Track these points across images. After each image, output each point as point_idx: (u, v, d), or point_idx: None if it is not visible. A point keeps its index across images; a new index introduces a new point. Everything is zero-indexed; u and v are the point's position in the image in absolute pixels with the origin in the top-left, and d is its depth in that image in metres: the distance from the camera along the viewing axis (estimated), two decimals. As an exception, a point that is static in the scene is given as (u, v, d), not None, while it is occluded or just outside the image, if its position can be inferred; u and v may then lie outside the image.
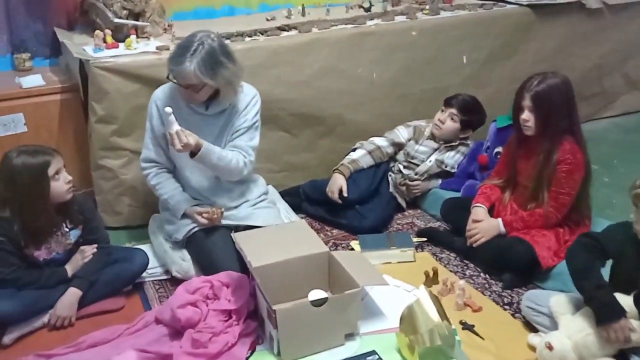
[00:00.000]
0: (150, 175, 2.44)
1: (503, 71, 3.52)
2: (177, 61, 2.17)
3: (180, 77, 2.20)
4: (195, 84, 2.20)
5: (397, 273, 2.44)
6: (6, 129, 2.66)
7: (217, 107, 2.35)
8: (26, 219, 2.06)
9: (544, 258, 2.31)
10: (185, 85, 2.22)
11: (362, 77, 3.12)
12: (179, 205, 2.39)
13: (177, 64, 2.17)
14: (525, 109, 2.34)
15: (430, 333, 1.85)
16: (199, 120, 2.35)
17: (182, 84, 2.22)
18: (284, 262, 2.13)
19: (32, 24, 2.97)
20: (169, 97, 2.35)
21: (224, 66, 2.22)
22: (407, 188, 2.96)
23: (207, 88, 2.25)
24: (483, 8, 3.51)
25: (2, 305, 2.03)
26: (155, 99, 2.38)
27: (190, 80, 2.19)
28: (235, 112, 2.39)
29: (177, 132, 2.13)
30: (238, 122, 2.40)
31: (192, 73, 2.16)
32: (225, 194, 2.48)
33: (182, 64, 2.15)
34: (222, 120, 2.39)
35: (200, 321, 2.01)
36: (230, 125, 2.40)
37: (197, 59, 2.15)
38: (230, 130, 2.41)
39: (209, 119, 2.36)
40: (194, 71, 2.15)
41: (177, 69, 2.18)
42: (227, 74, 2.23)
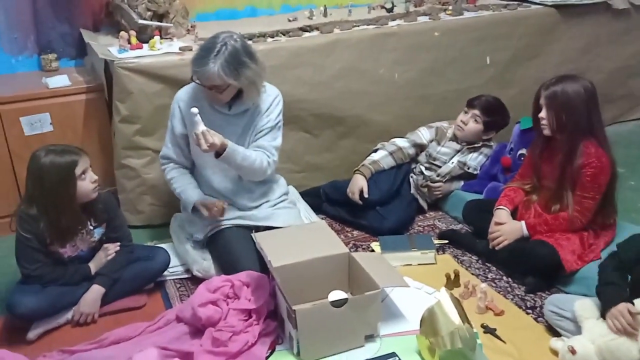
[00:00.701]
0: (167, 169, 2.48)
1: (527, 72, 3.48)
2: (200, 62, 2.19)
3: (204, 79, 2.21)
4: (219, 84, 2.21)
5: (417, 275, 2.42)
6: (33, 128, 2.70)
7: (240, 107, 2.37)
8: (53, 217, 2.09)
9: (568, 262, 2.28)
10: (209, 86, 2.23)
11: (383, 78, 3.11)
12: (189, 199, 2.41)
13: (200, 65, 2.18)
14: (543, 107, 2.34)
15: (451, 336, 1.83)
16: (221, 120, 2.36)
17: (206, 85, 2.23)
18: (304, 262, 2.13)
19: (58, 25, 3.01)
20: (192, 98, 2.37)
21: (247, 66, 2.23)
22: (428, 189, 2.94)
23: (230, 88, 2.26)
24: (507, 8, 3.47)
25: (28, 301, 2.06)
26: (178, 100, 2.39)
27: (214, 82, 2.20)
28: (258, 112, 2.40)
29: (203, 132, 2.13)
30: (261, 122, 2.41)
31: (216, 74, 2.17)
32: (246, 194, 2.49)
33: (206, 65, 2.16)
34: (244, 120, 2.40)
35: (221, 320, 2.02)
36: (253, 125, 2.41)
37: (220, 60, 2.16)
38: (253, 130, 2.41)
39: (231, 119, 2.38)
40: (218, 72, 2.16)
41: (200, 70, 2.19)
42: (250, 74, 2.24)
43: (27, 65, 3.01)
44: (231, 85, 2.24)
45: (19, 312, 2.08)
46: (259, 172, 2.39)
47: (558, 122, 2.31)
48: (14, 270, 2.22)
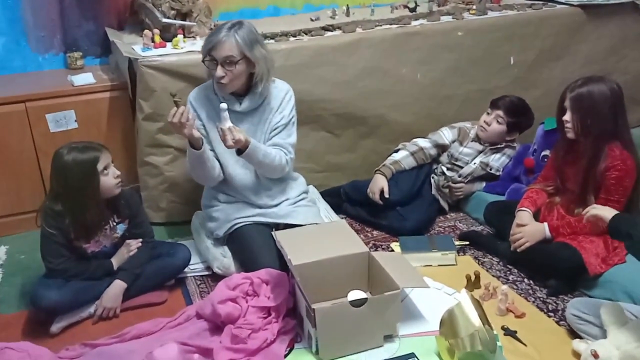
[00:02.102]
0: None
1: (552, 73, 3.44)
2: (216, 34, 2.21)
3: (219, 48, 2.20)
4: (232, 56, 2.20)
5: (437, 276, 2.41)
6: (58, 125, 2.74)
7: (250, 102, 2.36)
8: (77, 213, 2.12)
9: (592, 265, 2.24)
10: (222, 60, 2.21)
11: (406, 78, 3.10)
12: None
13: (216, 35, 2.21)
14: (567, 109, 2.30)
15: (471, 337, 1.82)
16: (233, 118, 2.34)
17: (219, 57, 2.21)
18: (324, 261, 2.13)
19: (84, 24, 3.06)
20: (203, 97, 2.39)
21: (261, 46, 2.28)
22: (449, 190, 2.92)
23: (242, 67, 2.25)
24: (532, 8, 3.43)
25: (51, 294, 2.10)
26: (190, 98, 2.42)
27: (230, 51, 2.20)
28: (270, 109, 2.40)
29: (229, 128, 2.15)
30: (275, 119, 2.41)
31: (233, 41, 2.19)
32: (265, 192, 2.49)
33: (221, 34, 2.19)
34: (256, 118, 2.40)
35: (240, 317, 2.04)
36: (267, 122, 2.41)
37: (235, 31, 2.21)
38: (266, 128, 2.42)
39: (243, 117, 2.38)
40: (235, 39, 2.19)
41: (215, 39, 2.20)
42: (263, 54, 2.28)
43: (54, 63, 3.07)
44: (244, 62, 2.23)
45: (42, 306, 2.11)
46: (278, 169, 2.40)
47: (583, 126, 2.28)
48: (38, 264, 2.26)
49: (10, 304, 2.32)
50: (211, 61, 2.25)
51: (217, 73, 2.24)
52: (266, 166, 2.36)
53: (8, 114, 2.66)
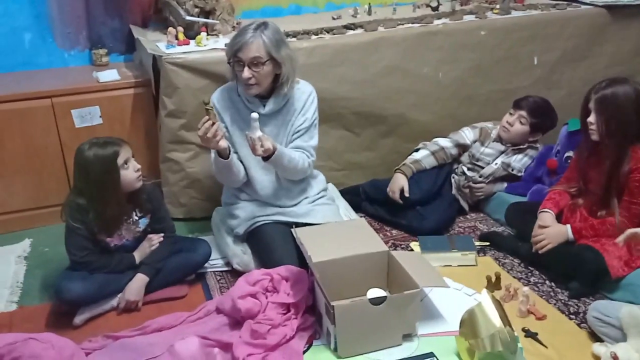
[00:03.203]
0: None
1: (576, 73, 3.40)
2: (242, 35, 2.20)
3: (246, 50, 2.19)
4: (260, 57, 2.20)
5: (457, 276, 2.40)
6: (83, 120, 2.78)
7: (274, 104, 2.35)
8: (99, 207, 2.15)
9: (614, 267, 2.21)
10: (249, 61, 2.20)
11: (427, 77, 3.09)
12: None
13: (242, 36, 2.19)
14: (592, 111, 2.28)
15: (491, 338, 1.81)
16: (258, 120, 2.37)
17: (246, 59, 2.20)
18: (344, 259, 2.14)
19: (109, 21, 3.10)
20: (227, 98, 2.38)
21: (286, 46, 2.27)
22: (470, 190, 2.91)
23: (268, 68, 2.25)
24: (556, 8, 3.39)
25: (75, 287, 2.13)
26: (214, 100, 2.39)
27: (257, 52, 2.19)
28: (293, 111, 2.40)
29: (259, 137, 2.15)
30: (297, 122, 2.41)
31: (261, 42, 2.18)
32: (285, 193, 2.50)
33: (248, 35, 2.18)
34: (279, 120, 2.40)
35: (260, 313, 2.05)
36: (289, 124, 2.40)
37: (262, 32, 2.20)
38: (289, 130, 2.41)
39: (266, 120, 2.36)
40: (262, 39, 2.18)
41: (242, 40, 2.18)
42: (289, 53, 2.27)
43: (79, 59, 3.11)
44: (270, 63, 2.23)
45: (66, 298, 2.14)
46: (301, 172, 2.41)
47: (607, 128, 2.25)
48: (61, 257, 2.30)
49: (34, 296, 2.36)
50: (237, 62, 2.24)
51: (244, 74, 2.22)
52: (290, 170, 2.36)
53: (34, 109, 2.70)
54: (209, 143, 2.19)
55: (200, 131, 2.15)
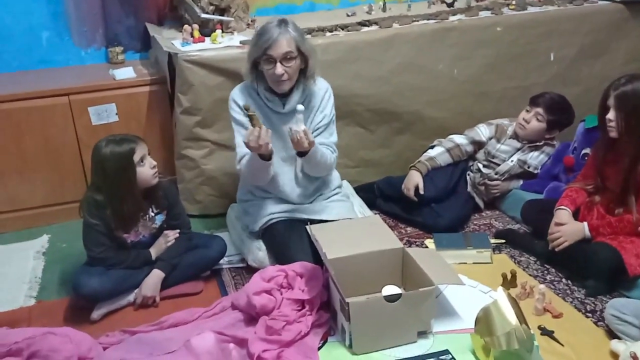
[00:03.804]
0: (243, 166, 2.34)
1: (593, 70, 3.36)
2: (268, 33, 2.17)
3: (277, 46, 2.17)
4: (291, 51, 2.19)
5: (472, 274, 2.39)
6: (100, 117, 2.81)
7: (293, 102, 2.34)
8: (116, 204, 2.17)
9: (632, 265, 2.19)
10: (281, 57, 2.19)
11: (442, 74, 3.07)
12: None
13: (269, 33, 2.17)
14: (611, 108, 2.25)
15: (507, 336, 1.80)
16: (276, 119, 2.36)
17: (278, 55, 2.18)
18: (358, 255, 2.14)
19: (125, 19, 3.12)
20: (246, 96, 2.36)
21: (308, 40, 2.28)
22: (485, 188, 2.89)
23: (298, 62, 2.24)
24: (573, 4, 3.36)
25: (93, 282, 2.15)
26: (235, 98, 2.37)
27: (288, 47, 2.18)
28: (311, 107, 2.39)
29: (304, 131, 2.12)
30: (316, 119, 2.40)
31: (289, 37, 2.18)
32: (302, 190, 2.49)
33: (274, 31, 2.16)
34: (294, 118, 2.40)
35: (275, 309, 2.06)
36: (308, 122, 2.39)
37: (286, 27, 2.20)
38: (309, 127, 2.38)
39: (285, 118, 2.36)
40: (290, 34, 2.18)
41: (271, 37, 2.16)
42: (312, 46, 2.27)
43: (95, 57, 3.14)
44: (299, 57, 2.23)
45: (84, 293, 2.17)
46: (329, 168, 2.40)
47: (627, 125, 2.22)
48: (79, 252, 2.32)
49: (52, 291, 2.39)
50: (267, 60, 2.21)
51: (277, 71, 2.20)
52: (321, 166, 2.34)
53: (52, 107, 2.73)
54: (259, 149, 2.13)
55: (252, 141, 2.09)
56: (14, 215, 2.85)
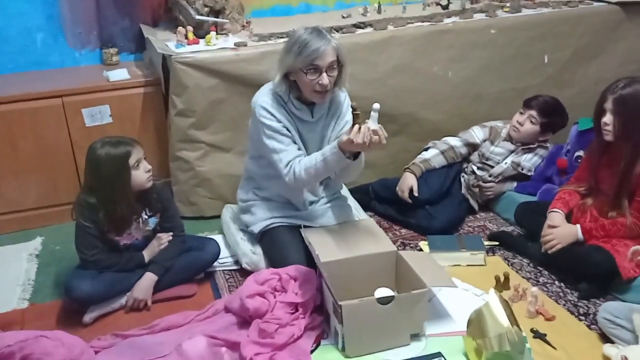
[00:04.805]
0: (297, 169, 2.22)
1: (587, 72, 3.37)
2: (317, 43, 2.12)
3: (324, 56, 2.13)
4: (335, 60, 2.16)
5: (466, 276, 2.39)
6: (93, 119, 2.80)
7: (321, 110, 2.32)
8: (109, 206, 2.17)
9: (625, 268, 2.20)
10: (327, 67, 2.15)
11: (437, 76, 3.08)
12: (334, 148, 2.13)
13: (319, 44, 2.12)
14: (607, 111, 2.24)
15: (499, 338, 1.80)
16: (304, 128, 2.32)
17: (324, 65, 2.14)
18: (352, 259, 2.15)
19: (119, 20, 3.12)
20: (276, 102, 2.26)
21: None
22: (479, 190, 2.89)
23: (336, 72, 2.21)
24: (568, 6, 3.36)
25: (85, 285, 2.15)
26: (266, 106, 2.25)
27: (333, 56, 2.15)
28: (332, 114, 2.36)
29: (381, 127, 2.07)
30: (339, 126, 2.37)
31: (334, 46, 2.15)
32: (309, 193, 2.47)
33: (318, 41, 2.12)
34: (320, 126, 2.36)
35: (268, 312, 2.05)
36: (329, 128, 2.36)
37: (326, 36, 2.15)
38: (329, 135, 2.37)
39: (312, 126, 2.33)
40: (333, 44, 2.14)
41: (318, 47, 2.11)
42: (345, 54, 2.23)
43: (90, 58, 3.14)
44: (338, 67, 2.20)
45: (75, 296, 2.16)
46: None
47: (624, 129, 2.21)
48: (72, 255, 2.32)
49: (45, 294, 2.39)
50: (313, 71, 2.15)
51: (324, 81, 2.16)
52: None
53: (45, 108, 2.73)
54: (363, 147, 2.04)
55: (359, 138, 2.00)
56: (7, 217, 2.84)
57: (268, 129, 2.25)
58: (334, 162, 2.15)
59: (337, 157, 2.12)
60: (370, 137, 2.01)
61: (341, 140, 2.07)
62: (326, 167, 2.18)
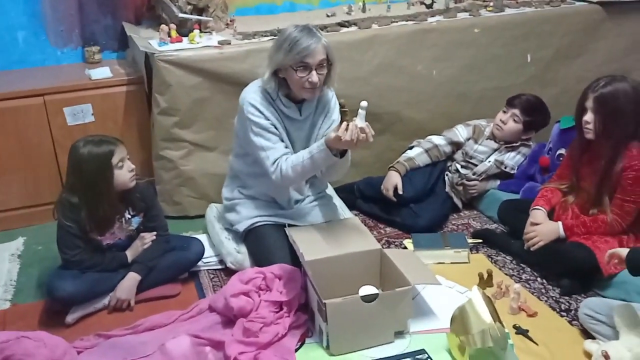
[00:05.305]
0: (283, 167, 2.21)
1: (569, 71, 3.40)
2: (307, 41, 2.12)
3: (315, 54, 2.13)
4: (324, 58, 2.17)
5: (450, 274, 2.40)
6: (75, 118, 2.78)
7: (309, 108, 2.32)
8: (91, 205, 2.15)
9: (606, 265, 2.22)
10: (317, 65, 2.15)
11: (421, 75, 3.09)
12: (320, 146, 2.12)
13: (309, 42, 2.12)
14: (588, 110, 2.26)
15: (482, 334, 1.81)
16: (292, 126, 2.32)
17: (314, 63, 2.14)
18: (336, 257, 2.15)
19: (102, 18, 3.09)
20: (264, 100, 2.26)
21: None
22: (463, 188, 2.91)
23: (326, 70, 2.21)
24: (550, 5, 3.39)
25: (67, 285, 2.13)
26: (255, 103, 2.24)
27: (323, 54, 2.15)
28: (319, 112, 2.36)
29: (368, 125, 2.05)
30: (325, 125, 2.37)
31: (324, 44, 2.15)
32: (298, 195, 2.48)
33: (308, 39, 2.12)
34: (307, 124, 2.36)
35: (252, 311, 2.05)
36: (316, 128, 2.36)
37: (316, 34, 2.15)
38: (316, 134, 2.36)
39: (300, 124, 2.33)
40: (323, 42, 2.15)
41: (308, 45, 2.11)
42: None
43: (72, 57, 3.11)
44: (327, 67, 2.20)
45: (58, 296, 2.14)
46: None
47: (605, 128, 2.23)
48: (54, 255, 2.30)
49: (27, 294, 2.36)
50: (303, 68, 2.15)
51: (313, 79, 2.16)
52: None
53: (27, 107, 2.70)
54: (352, 145, 2.03)
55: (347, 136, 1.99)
56: (-12, 217, 2.81)
57: (256, 126, 2.24)
58: (321, 160, 2.15)
59: (324, 155, 2.12)
60: (357, 135, 2.00)
61: (329, 138, 2.08)
62: (313, 165, 2.18)
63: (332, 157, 2.12)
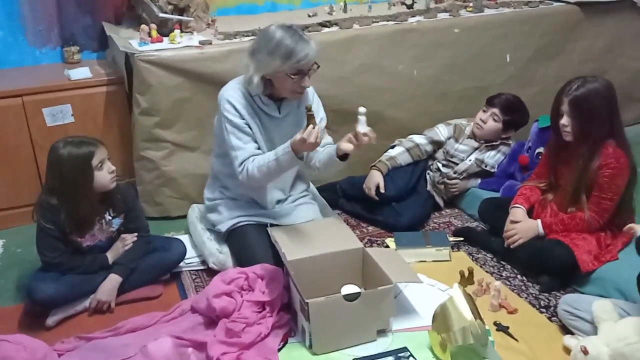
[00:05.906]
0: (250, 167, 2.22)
1: (548, 70, 3.45)
2: (304, 49, 2.11)
3: (310, 58, 2.14)
4: (316, 62, 2.18)
5: (432, 272, 2.42)
6: (55, 119, 2.75)
7: (288, 106, 2.33)
8: (71, 207, 2.13)
9: (584, 262, 2.25)
10: (309, 69, 2.17)
11: (402, 75, 3.11)
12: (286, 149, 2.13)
13: (306, 49, 2.12)
14: (564, 114, 2.29)
15: (463, 331, 1.84)
16: (270, 123, 2.32)
17: (308, 68, 2.16)
18: (318, 256, 2.15)
19: (81, 18, 3.07)
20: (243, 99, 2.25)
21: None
22: (445, 187, 2.94)
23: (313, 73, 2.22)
24: (529, 6, 3.44)
25: (47, 287, 2.11)
26: (232, 101, 2.24)
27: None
28: (301, 111, 2.36)
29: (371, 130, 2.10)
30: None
31: (315, 48, 2.15)
32: (281, 195, 2.48)
33: (303, 43, 2.12)
34: (291, 122, 2.36)
35: (235, 311, 2.05)
36: (298, 126, 2.32)
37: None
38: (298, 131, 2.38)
39: (280, 122, 2.33)
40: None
41: (309, 54, 2.12)
42: None
43: (51, 57, 3.08)
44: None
45: (38, 299, 2.12)
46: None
47: (582, 130, 2.26)
48: (34, 258, 2.26)
49: (7, 297, 2.34)
50: (298, 74, 2.16)
51: (306, 84, 2.19)
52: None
53: (5, 108, 2.67)
54: (313, 147, 2.09)
55: (308, 137, 2.03)
56: (-34, 220, 2.77)
57: (230, 124, 2.25)
58: (286, 162, 2.16)
59: (288, 157, 2.13)
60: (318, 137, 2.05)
61: (294, 140, 2.09)
62: (278, 166, 2.19)
63: (296, 159, 2.13)
